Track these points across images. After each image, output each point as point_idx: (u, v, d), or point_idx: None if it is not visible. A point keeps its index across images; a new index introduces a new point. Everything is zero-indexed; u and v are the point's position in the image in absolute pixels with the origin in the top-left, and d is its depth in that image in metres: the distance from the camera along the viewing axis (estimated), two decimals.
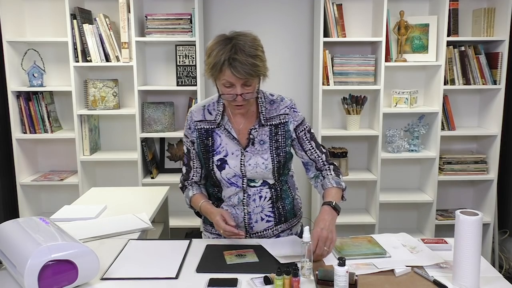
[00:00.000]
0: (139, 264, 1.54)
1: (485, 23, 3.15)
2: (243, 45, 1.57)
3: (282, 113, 1.77)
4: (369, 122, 3.43)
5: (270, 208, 1.80)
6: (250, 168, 1.73)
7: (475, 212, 1.34)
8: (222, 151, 1.75)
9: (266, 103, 1.77)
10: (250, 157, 1.73)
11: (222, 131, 1.75)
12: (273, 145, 1.75)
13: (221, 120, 1.75)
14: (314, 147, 1.81)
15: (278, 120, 1.76)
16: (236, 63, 1.55)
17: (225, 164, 1.74)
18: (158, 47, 3.36)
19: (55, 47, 3.29)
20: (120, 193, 2.51)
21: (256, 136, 1.74)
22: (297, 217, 1.91)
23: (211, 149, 1.76)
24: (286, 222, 1.85)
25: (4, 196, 3.24)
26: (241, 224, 1.81)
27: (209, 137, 1.77)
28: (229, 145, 1.75)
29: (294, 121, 1.78)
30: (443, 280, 1.40)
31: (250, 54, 1.57)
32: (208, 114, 1.78)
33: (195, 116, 1.79)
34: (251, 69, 1.57)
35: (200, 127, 1.78)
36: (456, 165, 3.30)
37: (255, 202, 1.78)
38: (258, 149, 1.74)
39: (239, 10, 3.39)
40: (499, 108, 3.18)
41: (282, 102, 1.78)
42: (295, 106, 1.79)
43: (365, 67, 3.20)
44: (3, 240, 1.44)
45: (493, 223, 3.31)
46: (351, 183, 3.49)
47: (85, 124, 3.20)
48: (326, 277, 1.36)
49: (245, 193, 1.77)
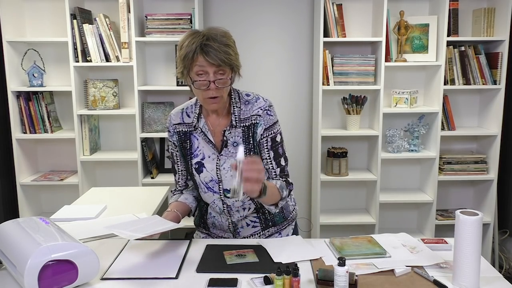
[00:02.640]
0: (139, 264, 1.54)
1: (485, 23, 3.15)
2: (215, 34, 1.57)
3: (254, 113, 1.68)
4: (369, 122, 3.43)
5: (255, 214, 1.79)
6: (224, 172, 1.70)
7: (475, 212, 1.34)
8: (199, 154, 1.73)
9: (241, 103, 1.70)
10: (225, 160, 1.70)
11: (199, 134, 1.73)
12: (246, 147, 1.69)
13: (197, 122, 1.73)
14: (271, 158, 1.70)
15: (250, 121, 1.69)
16: (208, 48, 1.54)
17: (202, 167, 1.73)
18: (158, 47, 3.36)
19: (55, 47, 3.29)
20: (120, 193, 2.51)
21: (229, 138, 1.70)
22: (287, 220, 1.87)
23: (189, 152, 1.75)
24: (274, 226, 1.83)
25: (4, 196, 3.24)
26: (226, 230, 1.82)
27: (187, 140, 1.75)
28: (205, 148, 1.72)
29: (264, 125, 1.68)
30: (443, 280, 1.40)
31: (222, 42, 1.56)
32: (186, 117, 1.76)
33: (173, 119, 1.78)
34: (224, 56, 1.55)
35: (179, 130, 1.77)
36: (456, 165, 3.30)
37: (239, 212, 1.77)
38: (232, 151, 1.69)
39: (239, 10, 3.39)
40: (499, 108, 3.18)
41: (256, 102, 1.70)
42: (270, 108, 1.70)
43: (365, 67, 3.20)
44: (3, 240, 1.44)
45: (493, 223, 3.31)
46: (351, 183, 3.51)
47: (85, 124, 3.20)
48: (326, 277, 1.36)
49: (224, 204, 1.75)
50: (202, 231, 1.91)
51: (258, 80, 3.46)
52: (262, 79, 3.47)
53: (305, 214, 3.62)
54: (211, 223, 1.86)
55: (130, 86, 3.27)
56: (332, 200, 3.56)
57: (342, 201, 3.56)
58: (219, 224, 1.83)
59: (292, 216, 1.90)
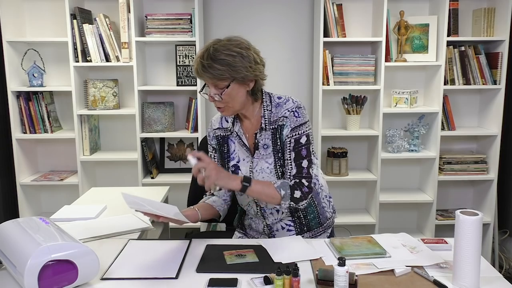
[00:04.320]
0: (139, 264, 1.54)
1: (485, 23, 3.15)
2: (214, 50, 1.60)
3: (281, 115, 1.72)
4: (369, 122, 3.43)
5: (290, 217, 1.83)
6: (256, 174, 1.76)
7: (475, 212, 1.34)
8: (236, 157, 1.81)
9: (272, 106, 1.75)
10: (257, 162, 1.76)
11: (235, 137, 1.81)
12: (275, 149, 1.75)
13: (233, 127, 1.80)
14: (291, 159, 1.72)
15: (278, 123, 1.73)
16: (200, 67, 1.62)
17: (238, 170, 1.80)
18: (158, 47, 3.36)
19: (55, 47, 3.29)
20: (120, 193, 2.50)
21: (260, 141, 1.76)
22: (323, 226, 1.89)
23: (226, 156, 1.83)
24: (309, 231, 1.86)
25: (4, 196, 3.24)
26: (262, 232, 1.85)
27: (224, 143, 1.83)
28: (240, 152, 1.80)
29: (289, 126, 1.71)
30: (443, 280, 1.40)
31: (212, 57, 1.59)
32: (225, 122, 1.85)
33: (214, 124, 1.88)
34: (209, 71, 1.60)
35: (218, 134, 1.85)
36: (456, 165, 3.30)
37: (273, 215, 1.81)
38: (263, 153, 1.76)
39: (239, 10, 3.39)
40: (499, 108, 3.18)
41: (285, 104, 1.73)
42: (297, 110, 1.71)
43: (365, 67, 3.20)
44: (3, 240, 1.44)
45: (493, 223, 3.31)
46: (351, 183, 3.50)
47: (85, 124, 3.20)
48: (326, 277, 1.36)
49: (257, 206, 1.81)
50: (240, 231, 1.97)
51: None
52: None
53: None
54: (248, 224, 1.91)
55: (130, 86, 3.27)
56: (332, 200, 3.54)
57: (342, 201, 3.56)
58: (255, 226, 1.87)
59: (328, 223, 1.93)
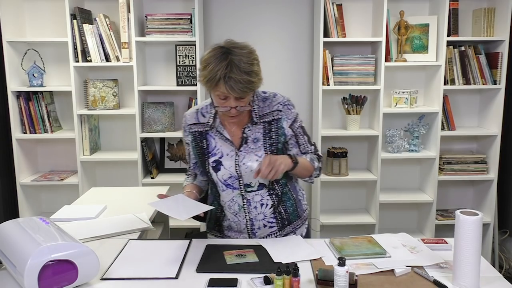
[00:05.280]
0: (139, 264, 1.54)
1: (485, 23, 3.15)
2: (238, 61, 1.57)
3: (275, 109, 1.76)
4: (369, 122, 3.43)
5: (272, 214, 1.81)
6: (244, 167, 1.74)
7: (475, 212, 1.34)
8: (218, 152, 1.77)
9: (259, 101, 1.77)
10: (244, 156, 1.74)
11: (215, 133, 1.77)
12: (267, 142, 1.75)
13: (213, 122, 1.77)
14: (307, 141, 1.84)
15: (271, 116, 1.76)
16: (231, 81, 1.55)
17: (220, 165, 1.76)
18: (158, 47, 3.36)
19: (55, 47, 3.29)
20: (120, 193, 2.51)
21: (250, 135, 1.75)
22: (301, 218, 1.90)
23: (206, 151, 1.78)
24: (290, 225, 1.85)
25: (4, 196, 3.24)
26: (243, 230, 1.82)
27: (203, 139, 1.79)
28: (223, 147, 1.76)
29: (288, 119, 1.77)
30: (443, 280, 1.40)
31: (245, 70, 1.57)
32: (201, 117, 1.80)
33: (188, 119, 1.82)
34: (246, 86, 1.58)
35: (194, 130, 1.80)
36: (456, 165, 3.30)
37: (257, 209, 1.79)
38: (252, 147, 1.75)
39: (239, 10, 3.39)
40: (499, 108, 3.18)
41: (274, 98, 1.78)
42: (288, 103, 1.79)
43: (365, 67, 3.20)
44: (3, 240, 1.44)
45: (493, 223, 3.31)
46: (351, 183, 3.50)
47: (85, 124, 3.20)
48: (326, 277, 1.36)
49: (244, 199, 1.78)
50: (216, 235, 1.91)
51: None
52: None
53: None
54: (227, 226, 1.87)
55: (130, 86, 3.27)
56: (332, 200, 3.55)
57: (342, 201, 3.56)
58: (236, 225, 1.84)
59: (305, 215, 1.94)
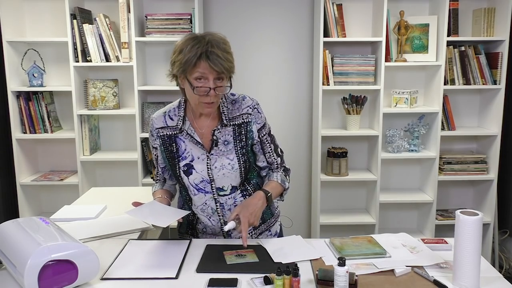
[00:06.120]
0: (139, 264, 1.54)
1: (485, 23, 3.15)
2: (217, 41, 1.59)
3: (244, 112, 1.73)
4: (369, 122, 3.43)
5: None
6: (216, 170, 1.71)
7: (475, 212, 1.34)
8: (188, 156, 1.73)
9: (227, 103, 1.73)
10: (216, 159, 1.71)
11: (185, 136, 1.73)
12: (238, 145, 1.72)
13: (182, 125, 1.73)
14: (273, 150, 1.81)
15: (241, 119, 1.73)
16: (213, 56, 1.56)
17: (191, 169, 1.73)
18: (158, 47, 3.36)
19: (55, 47, 3.29)
20: (120, 193, 2.51)
21: (220, 137, 1.71)
22: (274, 216, 1.90)
23: (176, 155, 1.74)
24: (264, 223, 1.85)
25: (4, 196, 3.24)
26: (219, 233, 1.81)
27: (172, 143, 1.75)
28: (194, 150, 1.72)
29: (257, 123, 1.75)
30: (443, 280, 1.40)
31: (224, 50, 1.60)
32: (169, 120, 1.76)
33: (156, 123, 1.77)
34: (227, 63, 1.59)
35: (163, 133, 1.76)
36: (456, 165, 3.30)
37: (230, 211, 1.76)
38: (223, 150, 1.71)
39: (239, 10, 3.39)
40: (499, 108, 3.18)
41: (244, 101, 1.75)
42: (258, 106, 1.76)
43: (365, 67, 3.20)
44: (3, 240, 1.44)
45: (493, 223, 3.31)
46: (351, 183, 3.50)
47: (85, 124, 3.20)
48: (326, 277, 1.36)
49: (217, 202, 1.76)
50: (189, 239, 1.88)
51: (258, 80, 3.46)
52: (262, 79, 3.46)
53: (305, 214, 3.62)
54: (201, 229, 1.85)
55: (130, 86, 3.27)
56: (332, 200, 3.55)
57: (342, 201, 3.56)
58: (211, 228, 1.82)
59: (277, 213, 1.93)
